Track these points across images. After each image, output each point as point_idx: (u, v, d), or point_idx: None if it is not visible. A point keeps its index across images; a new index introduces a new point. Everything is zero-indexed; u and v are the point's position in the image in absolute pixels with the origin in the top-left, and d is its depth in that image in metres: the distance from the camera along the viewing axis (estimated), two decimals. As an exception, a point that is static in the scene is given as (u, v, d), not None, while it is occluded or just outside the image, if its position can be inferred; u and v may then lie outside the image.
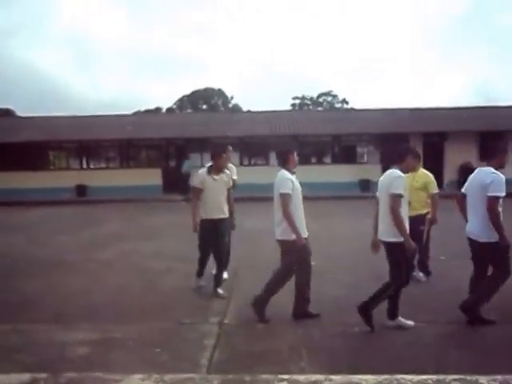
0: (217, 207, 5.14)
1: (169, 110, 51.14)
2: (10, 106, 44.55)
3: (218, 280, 5.30)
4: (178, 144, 20.95)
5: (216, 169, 5.15)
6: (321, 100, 54.78)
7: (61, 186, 18.70)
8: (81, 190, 19.17)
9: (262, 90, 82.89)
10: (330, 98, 54.69)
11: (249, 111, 32.34)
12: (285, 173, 4.34)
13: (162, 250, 8.06)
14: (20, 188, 18.33)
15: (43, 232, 10.79)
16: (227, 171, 5.31)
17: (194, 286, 5.52)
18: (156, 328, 4.23)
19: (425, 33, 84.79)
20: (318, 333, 4.03)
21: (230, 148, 5.72)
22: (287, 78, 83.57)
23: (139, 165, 21.37)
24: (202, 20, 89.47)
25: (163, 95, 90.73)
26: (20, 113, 36.39)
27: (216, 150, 5.26)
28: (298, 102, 54.16)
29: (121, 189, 18.22)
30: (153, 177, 19.25)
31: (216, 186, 5.12)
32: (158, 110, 50.13)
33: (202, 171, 5.22)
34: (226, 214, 5.26)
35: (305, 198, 4.44)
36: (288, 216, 4.14)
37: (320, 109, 48.33)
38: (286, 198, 4.19)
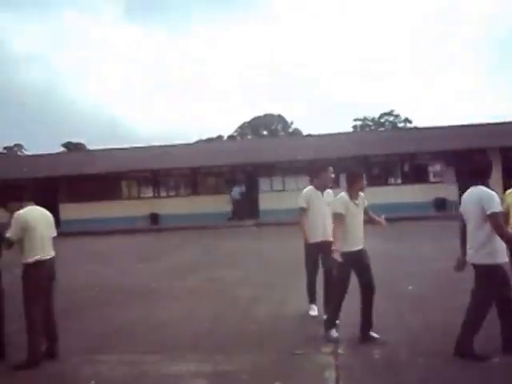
0: (359, 237, 4.40)
1: (230, 137, 52.28)
2: (82, 140, 47.53)
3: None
4: (247, 170, 21.16)
5: (355, 192, 4.41)
6: (382, 120, 53.74)
7: (134, 215, 19.38)
8: (154, 218, 19.72)
9: (320, 114, 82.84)
10: (391, 118, 53.54)
11: (309, 135, 32.22)
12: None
13: (244, 277, 7.94)
14: (96, 218, 19.18)
15: (124, 260, 11.06)
16: (361, 194, 4.53)
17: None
18: (267, 359, 4.03)
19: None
20: (441, 363, 3.66)
21: (331, 169, 5.32)
22: (344, 100, 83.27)
23: (208, 191, 21.67)
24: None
25: (220, 123, 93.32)
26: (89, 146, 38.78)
27: (353, 172, 4.54)
28: (359, 123, 53.52)
29: (191, 216, 18.59)
30: (222, 203, 19.46)
31: (358, 212, 4.40)
32: (219, 137, 51.41)
33: (344, 196, 4.39)
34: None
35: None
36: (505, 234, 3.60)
37: (382, 129, 47.41)
38: None
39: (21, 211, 4.31)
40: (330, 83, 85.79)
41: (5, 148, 50.08)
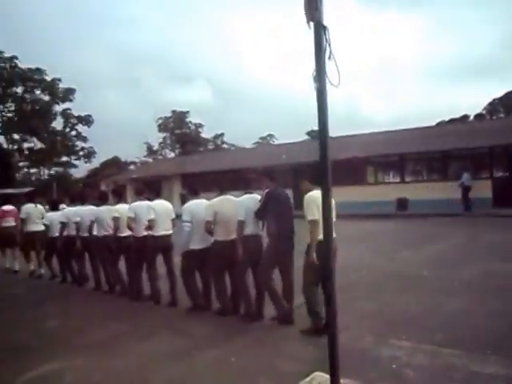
0: None
1: (478, 116, 46.96)
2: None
3: None
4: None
5: None
6: None
7: (381, 200, 19.34)
8: (401, 203, 19.26)
9: None
10: None
11: None
12: None
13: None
14: (342, 202, 19.80)
15: (381, 245, 11.07)
16: None
17: None
18: None
19: None
20: None
21: None
22: None
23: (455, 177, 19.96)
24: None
25: (464, 102, 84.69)
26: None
27: None
28: None
29: (439, 202, 17.44)
30: (480, 189, 17.58)
31: None
32: (464, 117, 46.74)
33: None
34: None
35: None
36: None
37: None
38: None
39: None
40: None
41: (260, 138, 56.96)
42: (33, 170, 47.22)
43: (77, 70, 68.88)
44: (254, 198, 5.40)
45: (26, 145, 42.65)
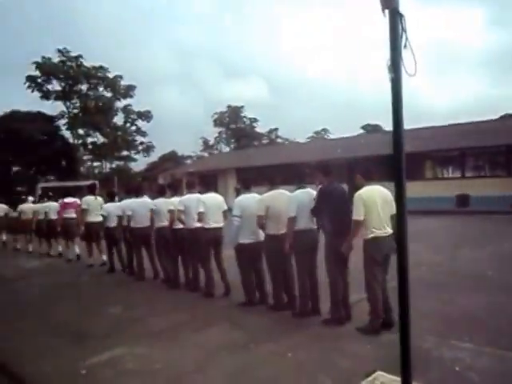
0: None
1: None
2: (379, 122, 48.72)
3: None
4: None
5: None
6: None
7: (440, 196, 18.57)
8: (462, 199, 18.41)
9: None
10: None
11: None
12: None
13: None
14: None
15: (442, 242, 10.61)
16: None
17: None
18: None
19: None
20: None
21: None
22: None
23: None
24: None
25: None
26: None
27: None
28: None
29: (505, 198, 16.48)
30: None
31: None
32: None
33: None
34: None
35: None
36: None
37: None
38: None
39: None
40: None
41: (314, 132, 56.47)
42: (96, 164, 49.54)
43: (137, 66, 71.13)
44: (307, 193, 5.37)
45: (89, 139, 44.77)
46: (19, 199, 13.88)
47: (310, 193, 5.36)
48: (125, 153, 47.06)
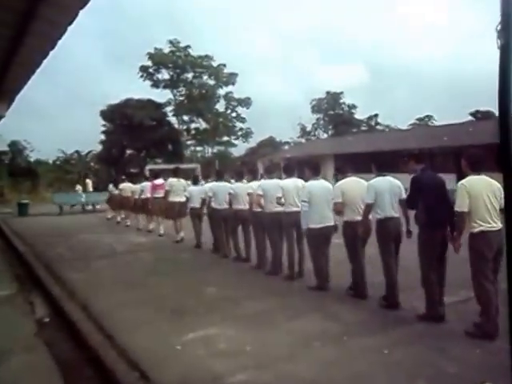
0: None
1: None
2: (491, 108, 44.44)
3: None
4: None
5: None
6: None
7: None
8: None
9: None
10: None
11: None
12: None
13: None
14: None
15: None
16: None
17: None
18: None
19: None
20: None
21: None
22: None
23: None
24: None
25: None
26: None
27: None
28: None
29: None
30: None
31: None
32: None
33: None
34: None
35: None
36: None
37: None
38: None
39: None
40: None
41: (417, 119, 53.36)
42: (198, 148, 51.85)
43: (237, 53, 72.51)
44: (386, 181, 5.37)
45: (193, 125, 46.92)
46: (131, 180, 15.13)
47: (389, 180, 5.38)
48: (225, 138, 48.56)
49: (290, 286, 6.42)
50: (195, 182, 10.39)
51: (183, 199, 10.10)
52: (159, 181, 12.05)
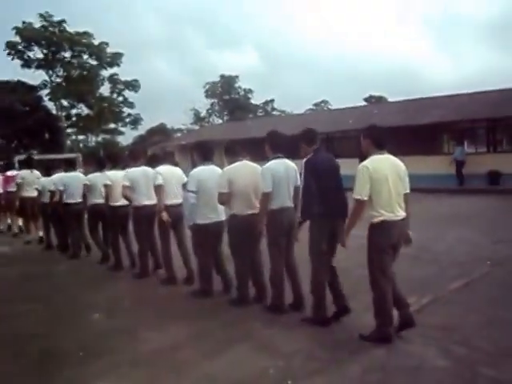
0: None
1: None
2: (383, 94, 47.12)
3: None
4: None
5: None
6: None
7: (469, 173, 16.72)
8: (493, 176, 16.40)
9: None
10: None
11: None
12: None
13: None
14: (415, 174, 17.46)
15: (492, 227, 8.91)
16: None
17: None
18: None
19: None
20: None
21: None
22: None
23: None
24: None
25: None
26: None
27: None
28: None
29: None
30: None
31: None
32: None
33: None
34: None
35: None
36: None
37: None
38: None
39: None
40: None
41: (314, 104, 54.63)
42: (81, 137, 47.11)
43: (122, 32, 67.26)
44: (283, 164, 4.56)
45: (74, 111, 42.17)
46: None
47: (285, 163, 4.58)
48: (111, 125, 44.66)
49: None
50: (48, 172, 8.78)
51: (35, 194, 8.93)
52: (13, 172, 10.78)
